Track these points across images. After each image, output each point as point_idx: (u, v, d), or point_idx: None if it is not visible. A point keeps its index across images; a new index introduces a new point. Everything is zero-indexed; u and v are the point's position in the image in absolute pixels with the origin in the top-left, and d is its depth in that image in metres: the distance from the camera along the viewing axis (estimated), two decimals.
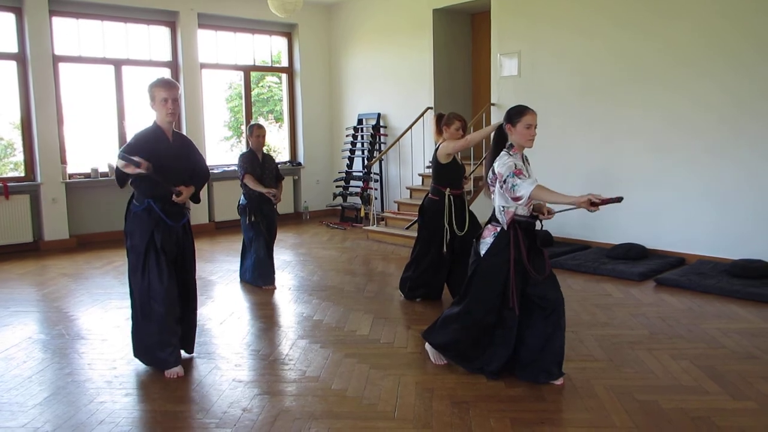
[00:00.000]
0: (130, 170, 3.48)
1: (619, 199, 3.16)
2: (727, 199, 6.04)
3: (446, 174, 5.03)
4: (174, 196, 3.69)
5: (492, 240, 3.49)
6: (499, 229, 3.48)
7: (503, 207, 3.45)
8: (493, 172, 3.46)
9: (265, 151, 5.91)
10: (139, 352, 3.83)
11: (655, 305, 5.00)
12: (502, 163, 3.41)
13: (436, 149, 5.10)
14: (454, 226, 4.97)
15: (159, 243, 3.68)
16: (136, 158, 3.44)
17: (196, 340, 4.12)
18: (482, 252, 3.52)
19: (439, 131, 5.10)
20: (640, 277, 5.76)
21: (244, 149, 6.05)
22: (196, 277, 4.07)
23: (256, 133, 5.82)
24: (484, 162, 3.59)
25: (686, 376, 3.57)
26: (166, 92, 3.64)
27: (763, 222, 5.81)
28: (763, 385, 3.42)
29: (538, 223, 3.54)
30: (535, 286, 3.46)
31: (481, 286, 3.51)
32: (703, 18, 6.07)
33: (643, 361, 3.81)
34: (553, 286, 3.49)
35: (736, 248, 5.94)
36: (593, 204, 3.13)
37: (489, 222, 3.58)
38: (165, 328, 3.69)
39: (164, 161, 3.64)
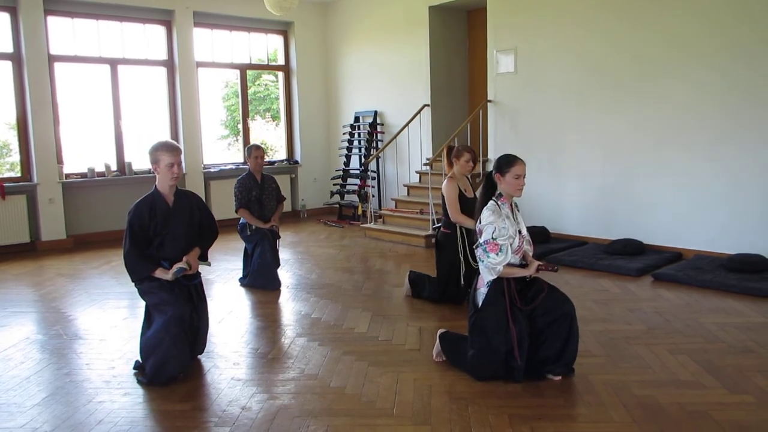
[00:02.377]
0: (158, 274, 3.62)
1: (555, 269, 3.52)
2: (724, 195, 6.05)
3: None
4: (178, 273, 3.64)
5: (486, 290, 3.49)
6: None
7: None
8: (481, 222, 3.48)
9: (264, 173, 5.92)
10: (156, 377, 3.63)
11: (652, 300, 5.01)
12: (485, 219, 3.43)
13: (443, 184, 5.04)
14: (470, 259, 4.90)
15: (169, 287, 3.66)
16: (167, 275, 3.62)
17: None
18: (479, 303, 3.52)
19: (449, 163, 5.06)
20: (638, 272, 5.77)
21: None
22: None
23: (254, 154, 5.81)
24: (476, 207, 3.65)
25: (684, 370, 3.58)
26: (172, 157, 3.62)
27: (759, 217, 5.82)
28: (760, 378, 3.43)
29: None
30: (540, 306, 3.46)
31: (484, 340, 3.48)
32: (702, 7, 6.06)
33: (641, 356, 3.82)
34: (558, 299, 3.49)
35: (733, 243, 5.96)
36: (538, 269, 3.44)
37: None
38: (174, 351, 3.56)
39: (163, 230, 3.65)
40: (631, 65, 6.62)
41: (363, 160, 9.65)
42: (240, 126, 10.10)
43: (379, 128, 9.65)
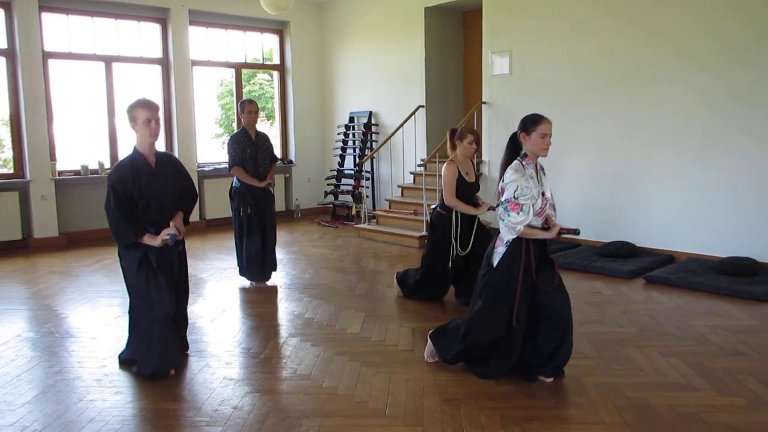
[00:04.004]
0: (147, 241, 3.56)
1: (576, 231, 3.38)
2: (716, 198, 6.08)
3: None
4: (170, 240, 3.58)
5: (504, 250, 3.43)
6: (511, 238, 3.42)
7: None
8: (504, 180, 3.42)
9: (258, 130, 5.70)
10: (145, 369, 3.64)
11: (644, 303, 5.03)
12: (508, 178, 3.38)
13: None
14: (458, 244, 4.89)
15: (154, 262, 3.59)
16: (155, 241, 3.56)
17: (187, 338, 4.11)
18: (495, 262, 3.47)
19: (452, 146, 5.01)
20: (630, 274, 5.79)
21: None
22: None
23: (248, 109, 5.55)
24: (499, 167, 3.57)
25: (675, 372, 3.59)
26: (149, 112, 3.55)
27: (751, 220, 5.86)
28: (751, 381, 3.45)
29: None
30: (545, 296, 3.44)
31: (492, 298, 3.45)
32: (698, 10, 6.08)
33: (633, 358, 3.83)
34: (561, 300, 3.47)
35: (725, 246, 5.99)
36: (560, 233, 3.38)
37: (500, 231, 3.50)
38: (165, 347, 3.60)
39: (147, 191, 3.58)
40: (625, 68, 6.64)
41: (357, 160, 9.64)
42: (234, 125, 10.08)
43: (373, 129, 9.64)
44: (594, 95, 6.94)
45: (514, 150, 3.50)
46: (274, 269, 5.85)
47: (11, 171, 7.92)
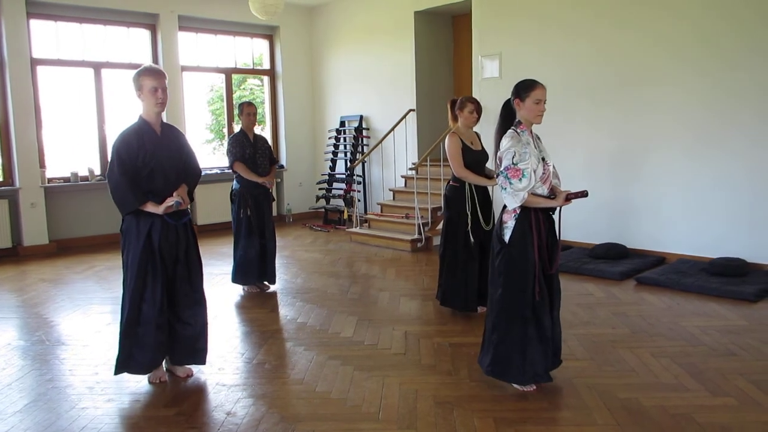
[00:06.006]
0: (150, 208, 3.48)
1: (585, 193, 3.24)
2: (705, 199, 6.12)
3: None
4: (174, 206, 3.52)
5: (514, 223, 3.30)
6: (519, 211, 3.30)
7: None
8: (500, 149, 3.34)
9: (256, 132, 5.70)
10: (123, 364, 3.59)
11: (635, 304, 5.06)
12: (504, 146, 3.29)
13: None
14: (480, 217, 4.68)
15: (156, 244, 3.51)
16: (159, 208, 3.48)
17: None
18: (506, 238, 3.31)
19: (453, 117, 4.90)
20: (621, 276, 5.82)
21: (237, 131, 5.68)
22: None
23: (246, 111, 5.57)
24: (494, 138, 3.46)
25: (666, 373, 3.61)
26: (156, 81, 3.48)
27: (741, 221, 5.90)
28: (742, 381, 3.48)
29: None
30: (546, 278, 3.36)
31: (515, 276, 3.29)
32: (689, 13, 6.12)
33: (625, 359, 3.85)
34: (557, 283, 3.45)
35: (715, 247, 6.03)
36: (567, 199, 3.25)
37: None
38: (151, 335, 3.54)
39: (152, 159, 3.49)
40: (615, 71, 6.68)
41: (349, 164, 9.65)
42: (225, 130, 10.06)
43: (364, 133, 9.66)
44: (584, 97, 6.97)
45: (507, 118, 3.43)
46: (273, 281, 5.80)
47: (0, 179, 7.87)
